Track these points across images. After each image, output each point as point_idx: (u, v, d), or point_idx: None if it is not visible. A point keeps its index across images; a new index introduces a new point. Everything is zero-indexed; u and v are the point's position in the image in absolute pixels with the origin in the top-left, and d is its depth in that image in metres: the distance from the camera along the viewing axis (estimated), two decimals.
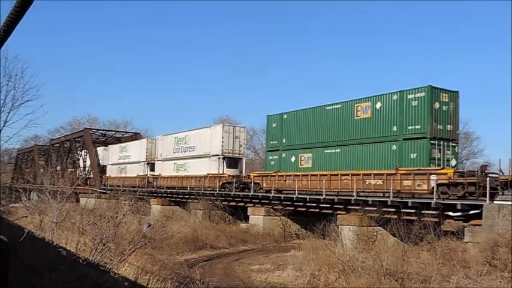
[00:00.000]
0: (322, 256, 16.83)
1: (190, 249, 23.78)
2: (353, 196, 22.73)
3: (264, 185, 30.01)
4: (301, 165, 27.81)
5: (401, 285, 13.19)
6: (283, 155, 29.29)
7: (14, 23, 2.07)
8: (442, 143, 21.69)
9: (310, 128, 27.54)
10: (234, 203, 32.59)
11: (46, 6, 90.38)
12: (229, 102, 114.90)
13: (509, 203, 16.71)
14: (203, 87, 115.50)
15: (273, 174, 29.29)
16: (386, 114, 23.30)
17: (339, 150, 25.42)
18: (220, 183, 33.61)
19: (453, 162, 22.16)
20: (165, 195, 39.91)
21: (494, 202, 17.35)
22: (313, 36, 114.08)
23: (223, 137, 34.37)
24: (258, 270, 19.21)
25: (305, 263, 17.49)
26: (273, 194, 28.40)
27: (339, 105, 25.86)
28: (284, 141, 29.32)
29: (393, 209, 21.15)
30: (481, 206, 17.49)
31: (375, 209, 21.58)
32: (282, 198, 28.11)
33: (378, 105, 23.66)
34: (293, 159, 28.51)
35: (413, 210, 20.15)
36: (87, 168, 55.38)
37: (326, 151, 26.19)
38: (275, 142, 30.21)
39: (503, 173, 18.94)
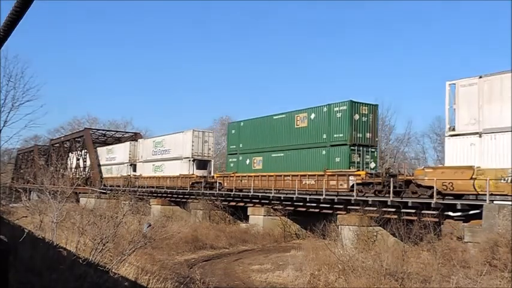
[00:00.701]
0: (322, 256, 16.84)
1: (190, 249, 23.79)
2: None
3: (225, 185, 33.26)
4: (254, 167, 31.53)
5: (401, 285, 13.20)
6: (240, 158, 32.99)
7: (14, 23, 2.07)
8: (361, 148, 25.38)
9: (261, 135, 31.36)
10: (234, 203, 32.61)
11: (46, 6, 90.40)
12: (229, 102, 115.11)
13: (509, 203, 16.71)
14: (203, 87, 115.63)
15: (232, 175, 32.97)
16: (318, 124, 27.00)
17: (282, 154, 29.29)
18: (190, 183, 36.65)
19: (372, 165, 25.80)
20: (165, 195, 39.94)
21: (494, 202, 17.35)
22: (313, 36, 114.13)
23: (193, 142, 38.75)
24: (258, 270, 19.22)
25: (305, 263, 17.50)
26: (273, 194, 28.46)
27: (283, 116, 29.71)
28: (241, 145, 33.09)
29: (393, 209, 21.18)
30: (481, 206, 17.50)
31: (374, 209, 21.60)
32: (282, 198, 28.15)
33: (312, 116, 27.35)
34: (248, 161, 32.20)
35: (413, 210, 20.18)
36: (87, 168, 55.44)
37: (273, 155, 30.05)
38: (234, 146, 34.08)
39: (402, 174, 23.49)
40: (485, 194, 17.56)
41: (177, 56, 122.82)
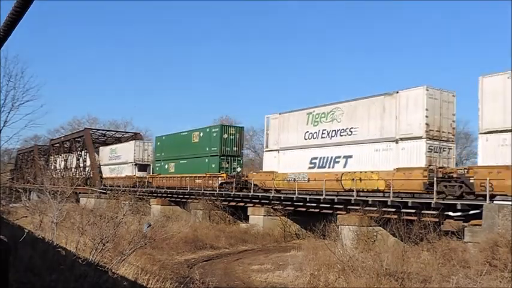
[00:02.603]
0: (322, 256, 16.83)
1: (190, 249, 23.77)
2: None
3: (153, 183, 43.24)
4: (170, 170, 42.19)
5: (401, 285, 13.19)
6: (162, 163, 43.91)
7: (14, 23, 2.07)
8: (229, 158, 36.10)
9: (174, 147, 41.81)
10: (234, 203, 32.62)
11: (46, 6, 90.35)
12: (230, 102, 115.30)
13: (509, 203, 16.70)
14: (203, 87, 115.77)
15: (156, 176, 44.09)
16: (203, 140, 37.72)
17: (185, 161, 39.89)
18: (133, 183, 43.97)
19: (238, 169, 36.25)
20: (165, 195, 39.95)
21: (495, 202, 17.34)
22: (313, 35, 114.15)
23: (135, 150, 49.03)
24: (258, 270, 19.20)
25: (305, 263, 17.49)
26: (273, 194, 28.47)
27: (186, 133, 40.42)
28: (163, 154, 44.12)
29: (393, 209, 21.17)
30: (481, 206, 17.48)
31: (374, 209, 21.59)
32: (282, 198, 28.16)
33: (201, 134, 38.42)
34: (166, 166, 42.96)
35: (413, 210, 20.17)
36: (87, 168, 55.44)
37: (180, 161, 40.66)
38: (158, 155, 45.61)
39: (245, 176, 33.76)
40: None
41: (177, 56, 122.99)
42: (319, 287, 14.75)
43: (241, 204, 32.00)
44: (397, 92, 22.73)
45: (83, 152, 56.70)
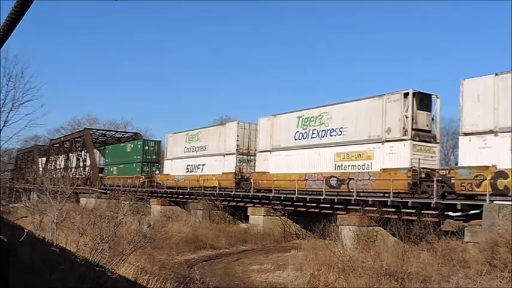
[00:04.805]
0: (322, 256, 16.82)
1: (190, 249, 23.75)
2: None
3: (108, 182, 51.88)
4: (114, 172, 53.02)
5: (401, 285, 13.19)
6: (109, 167, 54.89)
7: (14, 23, 2.07)
8: (149, 164, 48.05)
9: (117, 154, 53.40)
10: (234, 203, 32.60)
11: (46, 6, 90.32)
12: (230, 102, 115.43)
13: (510, 203, 16.69)
14: (203, 87, 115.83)
15: (108, 176, 53.69)
16: (133, 151, 49.60)
17: (122, 166, 50.94)
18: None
19: (157, 172, 46.91)
20: (165, 195, 39.95)
21: (495, 202, 17.33)
22: (312, 35, 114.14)
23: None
24: (258, 270, 19.19)
25: (305, 263, 17.49)
26: (273, 194, 28.45)
27: (123, 145, 53.64)
28: (110, 160, 55.31)
29: (393, 209, 21.17)
30: (481, 206, 17.48)
31: (374, 209, 21.58)
32: (282, 198, 28.13)
33: (132, 146, 50.36)
34: (112, 169, 53.85)
35: (413, 210, 20.16)
36: (87, 168, 55.43)
37: (120, 166, 51.71)
38: (108, 160, 56.01)
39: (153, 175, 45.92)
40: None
41: (177, 56, 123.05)
42: (319, 287, 14.75)
43: (241, 204, 31.99)
44: (226, 124, 37.27)
45: (82, 152, 56.68)
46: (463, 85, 19.50)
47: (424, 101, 22.60)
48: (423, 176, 21.19)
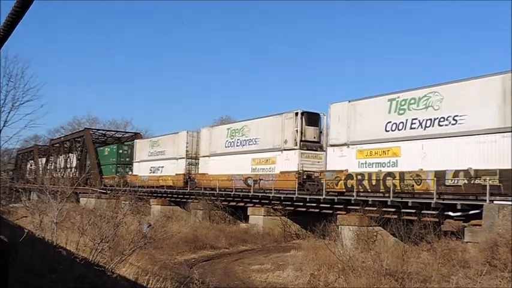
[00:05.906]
0: (322, 256, 16.83)
1: (190, 249, 23.74)
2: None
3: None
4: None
5: (401, 285, 13.19)
6: (99, 167, 56.16)
7: (14, 23, 2.07)
8: (124, 165, 51.78)
9: (99, 157, 55.64)
10: (234, 203, 32.59)
11: (46, 6, 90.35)
12: (230, 102, 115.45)
13: (510, 203, 16.69)
14: (203, 87, 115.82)
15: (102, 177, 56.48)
16: (110, 154, 53.96)
17: (103, 167, 54.32)
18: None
19: (130, 172, 49.67)
20: (165, 195, 39.95)
21: (495, 202, 17.33)
22: (312, 35, 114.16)
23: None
24: (258, 270, 19.19)
25: (305, 263, 17.49)
26: (273, 194, 28.46)
27: (102, 148, 56.52)
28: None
29: (393, 209, 21.17)
30: (481, 206, 17.47)
31: (374, 209, 21.58)
32: (282, 198, 28.14)
33: (109, 149, 54.62)
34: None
35: (413, 210, 20.15)
36: (87, 168, 55.35)
37: (102, 167, 54.63)
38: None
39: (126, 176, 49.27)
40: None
41: (177, 56, 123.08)
42: (319, 287, 14.75)
43: (241, 204, 31.98)
44: (178, 133, 41.17)
45: (83, 152, 56.64)
46: (330, 108, 25.51)
47: (312, 119, 28.61)
48: (305, 177, 27.31)
